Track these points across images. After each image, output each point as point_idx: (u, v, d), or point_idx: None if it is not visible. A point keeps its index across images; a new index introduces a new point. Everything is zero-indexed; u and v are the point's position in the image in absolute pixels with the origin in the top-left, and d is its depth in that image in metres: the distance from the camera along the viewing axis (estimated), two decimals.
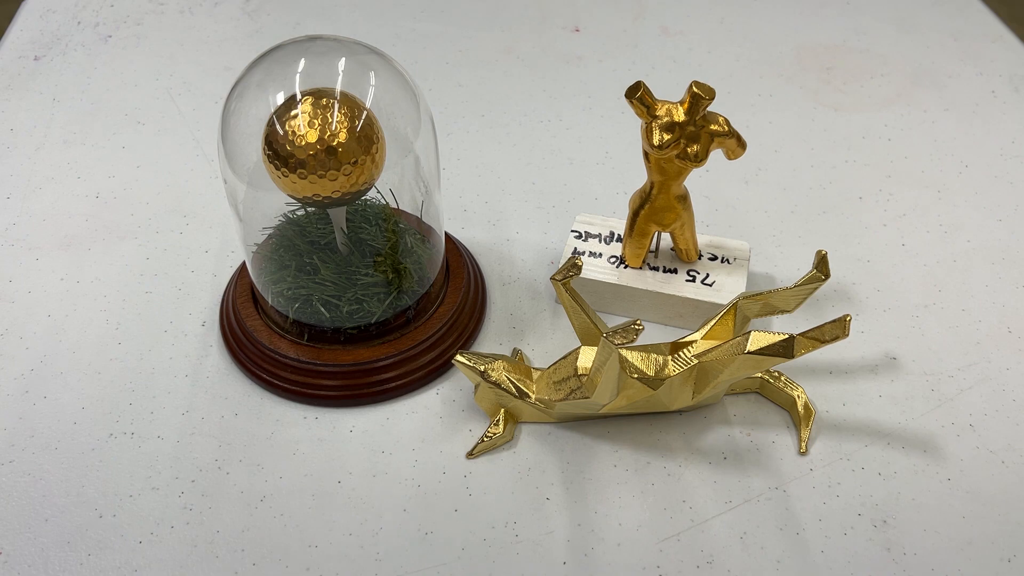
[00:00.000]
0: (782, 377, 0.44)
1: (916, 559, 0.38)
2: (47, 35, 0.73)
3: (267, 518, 0.40)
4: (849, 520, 0.40)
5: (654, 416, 0.44)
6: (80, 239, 0.54)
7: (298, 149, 0.39)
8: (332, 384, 0.44)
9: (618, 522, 0.40)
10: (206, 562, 0.38)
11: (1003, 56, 0.70)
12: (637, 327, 0.35)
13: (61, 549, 0.39)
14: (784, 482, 0.41)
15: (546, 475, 0.41)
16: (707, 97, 0.41)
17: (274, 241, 0.46)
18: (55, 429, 0.43)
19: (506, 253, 0.53)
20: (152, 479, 0.41)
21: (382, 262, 0.45)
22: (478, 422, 0.44)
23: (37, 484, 0.41)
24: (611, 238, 0.50)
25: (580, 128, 0.64)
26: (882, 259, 0.52)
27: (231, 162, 0.42)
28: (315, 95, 0.39)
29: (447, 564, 0.38)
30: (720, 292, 0.47)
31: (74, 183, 0.58)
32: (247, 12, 0.76)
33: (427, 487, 0.41)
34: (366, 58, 0.43)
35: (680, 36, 0.74)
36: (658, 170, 0.44)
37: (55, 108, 0.65)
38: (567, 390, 0.41)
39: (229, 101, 0.42)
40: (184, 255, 0.53)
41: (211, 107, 0.65)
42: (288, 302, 0.44)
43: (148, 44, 0.72)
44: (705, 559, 0.38)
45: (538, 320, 0.49)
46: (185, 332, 0.48)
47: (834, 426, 0.44)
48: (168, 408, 0.44)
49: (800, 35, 0.74)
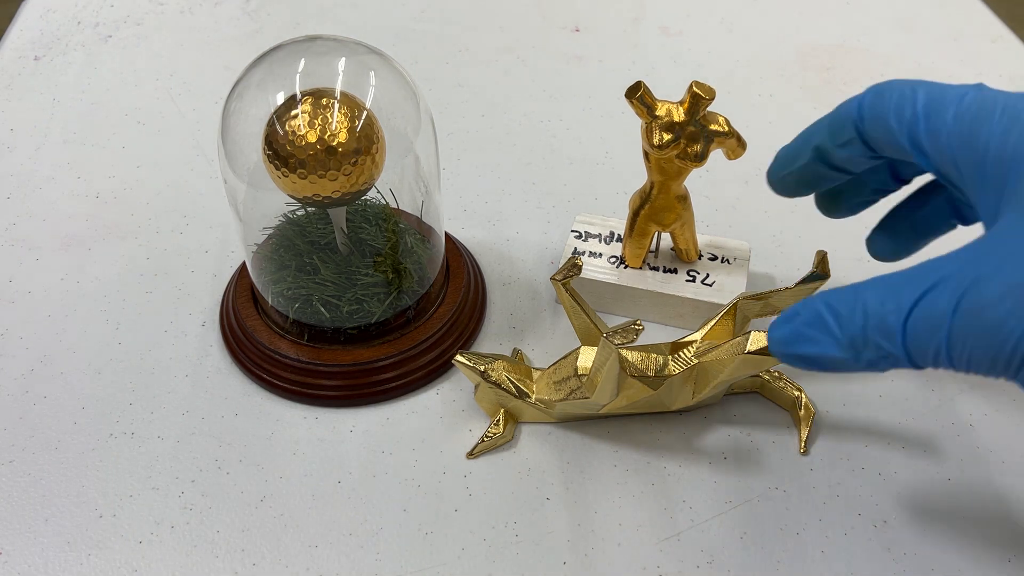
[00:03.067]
0: (782, 377, 0.44)
1: (916, 559, 0.38)
2: (47, 35, 0.73)
3: (267, 518, 0.40)
4: (849, 520, 0.40)
5: (654, 416, 0.44)
6: (80, 239, 0.54)
7: (298, 149, 0.39)
8: (332, 384, 0.44)
9: (618, 522, 0.40)
10: (206, 562, 0.38)
11: (1003, 56, 0.70)
12: (637, 327, 0.35)
13: (61, 549, 0.39)
14: (784, 482, 0.41)
15: (546, 475, 0.41)
16: (707, 97, 0.41)
17: (274, 241, 0.46)
18: (55, 429, 0.43)
19: (506, 253, 0.53)
20: (152, 479, 0.41)
21: (382, 262, 0.45)
22: (478, 422, 0.44)
23: (37, 484, 0.41)
24: (611, 238, 0.50)
25: (580, 128, 0.64)
26: None
27: (231, 162, 0.42)
28: (315, 95, 0.39)
29: (447, 564, 0.38)
30: (720, 292, 0.47)
31: (74, 183, 0.58)
32: (247, 12, 0.76)
33: (427, 487, 0.41)
34: (366, 58, 0.43)
35: (680, 36, 0.74)
36: (658, 170, 0.44)
37: (55, 108, 0.65)
38: (567, 390, 0.41)
39: (229, 101, 0.42)
40: (184, 255, 0.53)
41: (211, 107, 0.65)
42: (288, 302, 0.44)
43: (148, 44, 0.72)
44: (705, 559, 0.38)
45: (538, 320, 0.49)
46: (185, 332, 0.48)
47: (834, 426, 0.44)
48: (168, 408, 0.44)
49: (800, 35, 0.74)
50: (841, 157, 0.31)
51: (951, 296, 0.24)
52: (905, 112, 0.28)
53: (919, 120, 0.28)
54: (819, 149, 0.32)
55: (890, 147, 0.29)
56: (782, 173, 0.34)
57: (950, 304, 0.24)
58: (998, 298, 0.23)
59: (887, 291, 0.26)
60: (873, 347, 0.26)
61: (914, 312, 0.25)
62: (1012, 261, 0.23)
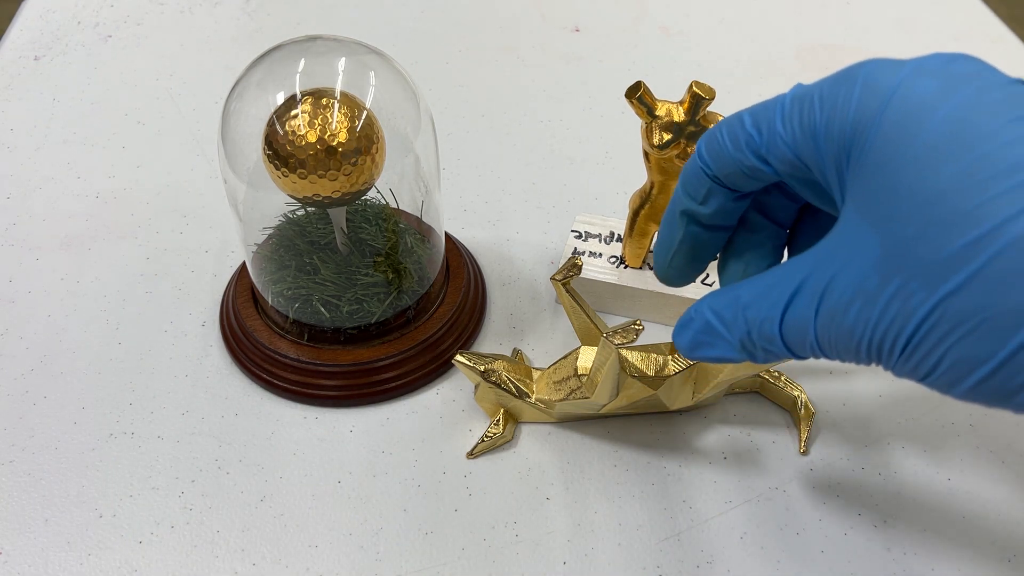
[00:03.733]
0: (782, 377, 0.44)
1: (916, 559, 0.38)
2: (47, 35, 0.73)
3: (267, 518, 0.40)
4: (849, 520, 0.40)
5: (654, 416, 0.44)
6: (80, 239, 0.54)
7: (298, 149, 0.39)
8: (332, 384, 0.44)
9: (618, 522, 0.40)
10: (206, 562, 0.38)
11: (1003, 56, 0.70)
12: (637, 327, 0.35)
13: (61, 549, 0.39)
14: (784, 482, 0.41)
15: (546, 475, 0.42)
16: (707, 97, 0.41)
17: (274, 241, 0.46)
18: (55, 429, 0.43)
19: (506, 253, 0.53)
20: (152, 479, 0.41)
21: (382, 262, 0.45)
22: (478, 422, 0.44)
23: (37, 484, 0.41)
24: (611, 238, 0.50)
25: (580, 128, 0.64)
26: None
27: (231, 162, 0.42)
28: (315, 95, 0.39)
29: (447, 564, 0.38)
30: None
31: (74, 183, 0.58)
32: (247, 12, 0.76)
33: (427, 487, 0.41)
34: (366, 58, 0.43)
35: (680, 36, 0.74)
36: (658, 170, 0.44)
37: (55, 108, 0.65)
38: (567, 390, 0.41)
39: (229, 101, 0.42)
40: (184, 255, 0.53)
41: (211, 107, 0.65)
42: (288, 302, 0.44)
43: (148, 44, 0.72)
44: (705, 559, 0.38)
45: (538, 320, 0.49)
46: (185, 332, 0.48)
47: (834, 426, 0.44)
48: (168, 408, 0.44)
49: (800, 35, 0.74)
50: (710, 212, 0.31)
51: (811, 302, 0.26)
52: (738, 135, 0.29)
53: (752, 136, 0.28)
54: (685, 214, 0.32)
55: (741, 178, 0.30)
56: (667, 260, 0.33)
57: (811, 310, 0.26)
58: (848, 302, 0.24)
59: (761, 297, 0.27)
60: (761, 349, 0.28)
61: (785, 319, 0.26)
62: (855, 260, 0.24)
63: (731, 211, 0.31)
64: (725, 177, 0.30)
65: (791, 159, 0.27)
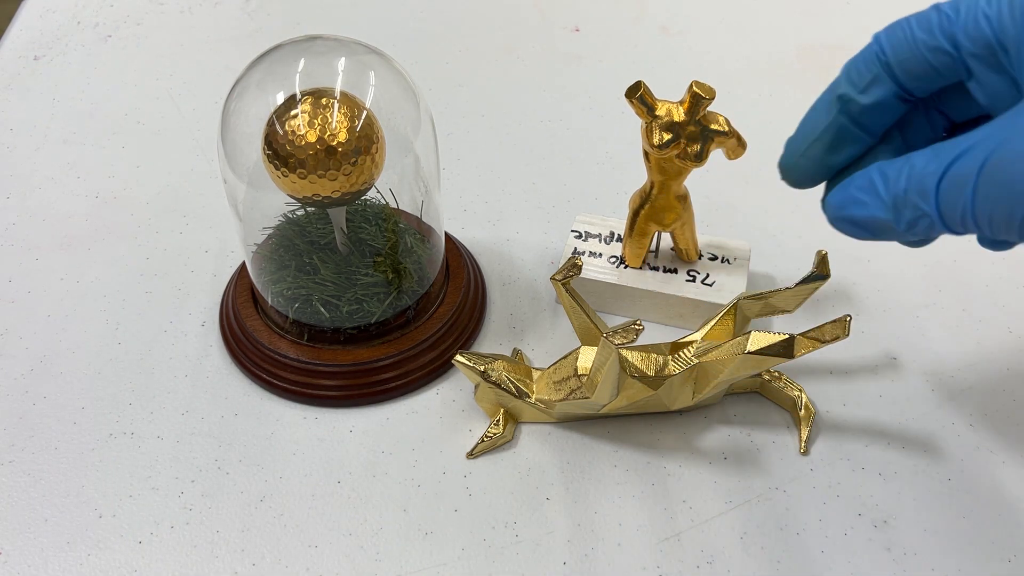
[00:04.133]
0: (782, 377, 0.44)
1: (916, 559, 0.38)
2: (47, 35, 0.73)
3: (267, 518, 0.40)
4: (849, 520, 0.40)
5: (654, 416, 0.44)
6: (80, 239, 0.54)
7: (298, 149, 0.39)
8: (332, 384, 0.44)
9: (618, 522, 0.40)
10: (206, 562, 0.38)
11: None
12: (637, 327, 0.35)
13: (61, 549, 0.39)
14: (784, 482, 0.41)
15: (546, 475, 0.41)
16: (707, 97, 0.41)
17: (274, 241, 0.46)
18: (55, 429, 0.43)
19: (506, 253, 0.53)
20: (152, 479, 0.41)
21: (382, 262, 0.45)
22: (478, 422, 0.44)
23: (37, 484, 0.41)
24: (611, 238, 0.50)
25: (580, 128, 0.64)
26: (882, 259, 0.52)
27: (231, 162, 0.42)
28: (315, 95, 0.39)
29: (447, 564, 0.38)
30: (720, 292, 0.47)
31: (74, 183, 0.58)
32: (247, 12, 0.76)
33: (427, 487, 0.41)
34: (366, 58, 0.43)
35: (680, 36, 0.74)
36: (658, 170, 0.44)
37: (55, 108, 0.65)
38: (567, 390, 0.41)
39: (229, 101, 0.42)
40: (184, 255, 0.53)
41: (211, 107, 0.65)
42: (288, 302, 0.44)
43: (148, 44, 0.72)
44: (705, 559, 0.38)
45: (538, 320, 0.49)
46: (185, 332, 0.48)
47: (834, 426, 0.44)
48: (168, 408, 0.44)
49: (800, 35, 0.74)
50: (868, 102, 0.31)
51: (979, 157, 0.25)
52: (931, 18, 0.29)
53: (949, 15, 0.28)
54: (841, 99, 0.31)
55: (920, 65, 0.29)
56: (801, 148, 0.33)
57: (976, 164, 0.25)
58: (1016, 157, 0.24)
59: (932, 155, 0.27)
60: (911, 207, 0.28)
61: (947, 173, 0.26)
62: None
63: (887, 110, 0.31)
64: (899, 64, 0.30)
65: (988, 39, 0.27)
